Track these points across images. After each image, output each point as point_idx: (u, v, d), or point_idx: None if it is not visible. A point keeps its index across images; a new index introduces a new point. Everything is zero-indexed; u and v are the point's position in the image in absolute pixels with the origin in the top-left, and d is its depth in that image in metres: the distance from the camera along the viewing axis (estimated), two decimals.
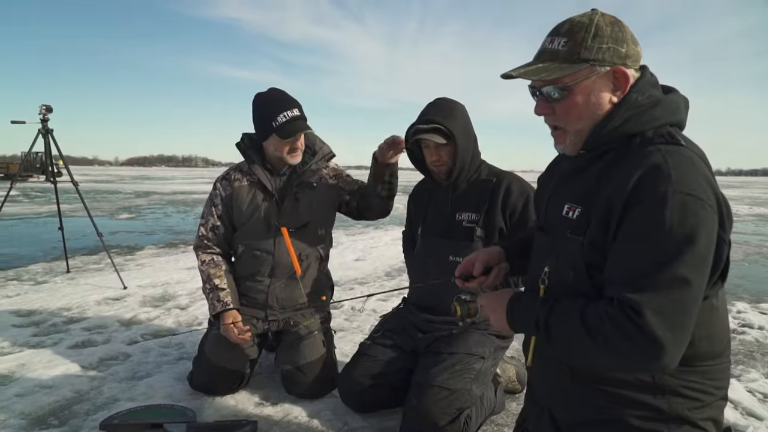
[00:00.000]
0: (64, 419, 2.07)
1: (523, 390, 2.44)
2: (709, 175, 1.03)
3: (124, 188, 23.23)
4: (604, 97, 1.11)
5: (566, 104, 1.13)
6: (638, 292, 0.96)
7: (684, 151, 1.04)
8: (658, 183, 0.97)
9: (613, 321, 0.97)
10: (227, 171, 2.47)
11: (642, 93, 1.10)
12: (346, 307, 3.92)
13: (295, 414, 2.16)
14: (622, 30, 1.10)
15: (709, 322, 1.08)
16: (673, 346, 0.95)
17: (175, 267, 5.30)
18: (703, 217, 0.96)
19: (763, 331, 3.51)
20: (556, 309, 1.09)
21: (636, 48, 1.12)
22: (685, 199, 0.95)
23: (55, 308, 3.66)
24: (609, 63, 1.09)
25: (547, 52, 1.13)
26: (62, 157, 4.63)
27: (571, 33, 1.10)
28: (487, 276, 1.46)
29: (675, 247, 0.95)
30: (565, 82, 1.10)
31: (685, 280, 0.95)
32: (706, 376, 1.09)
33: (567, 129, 1.16)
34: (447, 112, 2.05)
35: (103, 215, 10.90)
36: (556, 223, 1.19)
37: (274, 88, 2.31)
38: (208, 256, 2.38)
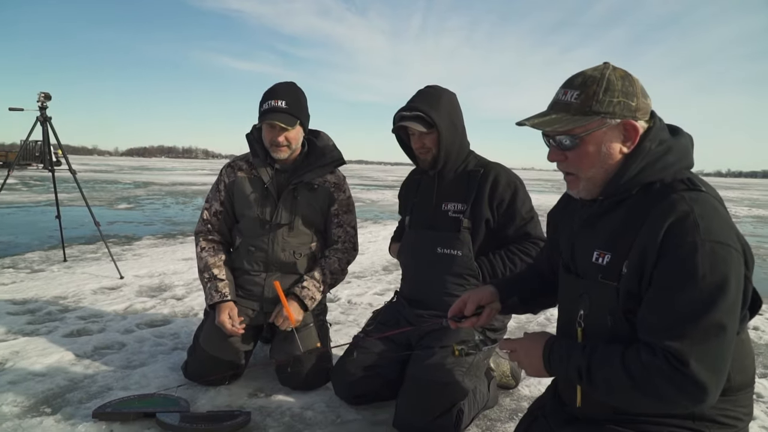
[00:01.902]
0: (57, 407, 2.06)
1: (518, 385, 2.45)
2: (729, 220, 1.09)
3: (123, 178, 23.21)
4: (615, 147, 1.17)
5: (578, 153, 1.19)
6: (679, 340, 1.01)
7: (706, 198, 1.09)
8: (687, 232, 1.03)
9: (659, 371, 1.03)
10: (234, 158, 2.48)
11: (654, 141, 1.16)
12: (342, 300, 3.92)
13: (288, 405, 2.16)
14: (633, 84, 1.16)
15: (740, 356, 1.14)
16: (715, 387, 1.02)
17: (172, 257, 5.29)
18: (731, 262, 1.02)
19: (758, 331, 3.52)
20: (595, 359, 1.13)
21: (646, 101, 1.18)
22: (714, 247, 1.01)
23: (50, 296, 3.65)
24: (619, 116, 1.15)
25: (561, 104, 1.19)
26: (61, 146, 4.61)
27: (584, 86, 1.16)
28: (479, 316, 1.52)
29: (709, 294, 1.00)
30: (577, 132, 1.16)
31: (721, 326, 1.01)
32: (738, 404, 1.17)
33: (579, 176, 1.22)
34: (432, 101, 2.04)
35: (102, 205, 10.89)
36: (588, 269, 1.24)
37: (279, 82, 2.31)
38: (208, 244, 2.38)
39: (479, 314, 1.52)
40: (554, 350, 1.23)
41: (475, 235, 2.06)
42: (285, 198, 2.32)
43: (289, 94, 2.25)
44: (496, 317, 2.09)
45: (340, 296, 3.99)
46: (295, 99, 2.27)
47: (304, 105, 2.33)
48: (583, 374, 1.14)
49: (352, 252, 2.49)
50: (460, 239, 2.05)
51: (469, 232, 2.06)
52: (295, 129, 2.25)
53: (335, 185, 2.43)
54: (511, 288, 1.56)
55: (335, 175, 2.46)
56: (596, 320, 1.21)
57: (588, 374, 1.13)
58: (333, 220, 2.44)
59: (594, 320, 1.22)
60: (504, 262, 2.05)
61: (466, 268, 2.04)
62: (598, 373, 1.12)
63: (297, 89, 2.32)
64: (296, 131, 2.28)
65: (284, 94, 2.23)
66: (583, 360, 1.14)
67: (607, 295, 1.17)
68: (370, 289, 4.32)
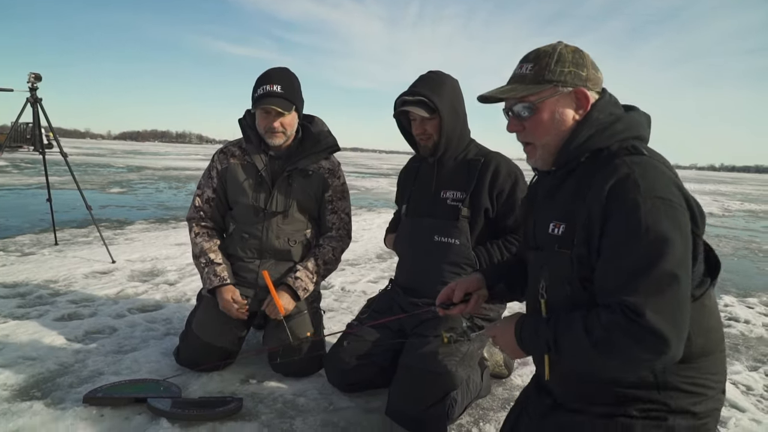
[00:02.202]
0: (47, 391, 2.05)
1: (510, 375, 2.45)
2: (675, 179, 1.12)
3: (116, 162, 23.00)
4: (568, 114, 1.24)
5: (534, 121, 1.26)
6: (634, 294, 1.03)
7: (647, 160, 1.14)
8: (628, 192, 1.07)
9: (617, 326, 1.04)
10: (226, 144, 2.43)
11: (602, 111, 1.22)
12: (336, 287, 3.92)
13: (280, 392, 2.15)
14: (582, 57, 1.24)
15: (702, 321, 1.16)
16: (675, 338, 1.02)
17: (164, 242, 5.26)
18: (674, 216, 1.05)
19: (748, 324, 3.54)
20: (559, 327, 1.16)
21: (596, 73, 1.25)
22: (655, 203, 1.05)
23: (41, 280, 3.62)
24: (571, 84, 1.22)
25: (517, 76, 1.28)
26: (52, 128, 4.54)
27: (537, 59, 1.25)
28: (467, 303, 1.54)
29: (655, 247, 1.03)
30: (532, 100, 1.24)
31: (673, 275, 1.03)
32: (704, 371, 1.17)
33: (536, 144, 1.28)
34: (435, 86, 2.02)
35: (94, 189, 10.78)
36: (546, 240, 1.28)
37: (273, 68, 2.27)
38: (202, 229, 2.36)
39: (467, 301, 1.54)
40: (524, 328, 1.26)
41: (474, 224, 2.05)
42: (280, 185, 2.29)
43: (283, 78, 2.22)
44: (490, 308, 2.09)
45: (333, 283, 3.98)
46: (290, 84, 2.23)
47: (299, 90, 2.29)
48: (551, 345, 1.16)
49: (346, 239, 2.47)
50: (458, 228, 2.04)
51: (467, 221, 2.04)
52: (290, 114, 2.22)
53: (330, 171, 2.40)
54: (497, 275, 1.58)
55: (330, 161, 2.43)
56: (556, 291, 1.25)
57: (555, 345, 1.15)
58: (327, 206, 2.41)
59: (554, 291, 1.25)
60: (502, 252, 2.04)
61: (463, 257, 2.03)
62: (564, 342, 1.14)
63: (291, 74, 2.28)
64: (292, 117, 2.25)
65: (279, 79, 2.19)
66: (549, 332, 1.17)
67: (564, 265, 1.20)
68: (364, 276, 4.31)
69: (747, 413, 2.21)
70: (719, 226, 9.65)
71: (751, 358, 2.93)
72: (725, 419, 2.12)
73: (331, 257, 2.38)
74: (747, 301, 4.16)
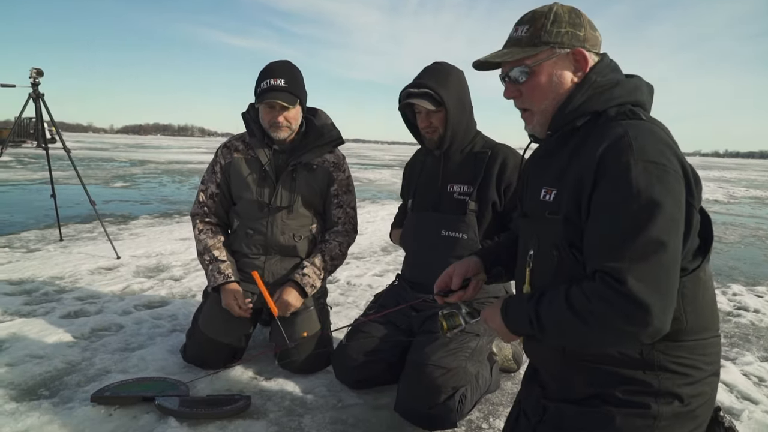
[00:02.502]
0: (54, 390, 2.04)
1: (519, 369, 2.43)
2: (671, 144, 1.07)
3: (119, 156, 23.00)
4: (566, 76, 1.19)
5: (531, 85, 1.21)
6: (617, 261, 0.98)
7: (644, 124, 1.09)
8: (620, 154, 1.02)
9: (597, 295, 1.00)
10: (230, 139, 2.41)
11: (601, 74, 1.17)
12: (341, 281, 3.90)
13: (289, 389, 2.14)
14: (579, 17, 1.19)
15: (694, 296, 1.10)
16: (660, 309, 0.96)
17: (169, 237, 5.25)
18: (667, 181, 1.00)
19: (758, 314, 3.51)
20: (542, 301, 1.12)
21: (594, 33, 1.20)
22: (647, 166, 1.00)
23: (47, 277, 3.61)
24: (568, 45, 1.17)
25: (513, 39, 1.23)
26: (54, 123, 4.52)
27: (532, 21, 1.19)
28: (466, 289, 1.48)
29: (645, 212, 0.98)
30: (528, 63, 1.19)
31: (660, 242, 0.97)
32: (695, 351, 1.11)
33: (534, 110, 1.23)
34: (441, 78, 1.98)
35: (98, 183, 10.79)
36: (536, 207, 1.23)
37: (275, 61, 2.24)
38: (206, 226, 2.34)
39: (466, 287, 1.48)
40: (509, 308, 1.22)
41: (482, 218, 2.02)
42: (284, 179, 2.27)
43: (286, 72, 2.19)
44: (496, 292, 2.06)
45: (339, 278, 3.97)
46: (294, 77, 2.20)
47: (302, 83, 2.26)
48: (534, 322, 1.12)
49: (352, 234, 2.45)
50: (465, 222, 2.01)
51: (475, 215, 2.01)
52: (295, 108, 2.19)
53: (334, 165, 2.37)
54: (495, 257, 1.52)
55: (334, 155, 2.40)
56: (543, 257, 1.21)
57: (537, 320, 1.11)
58: (333, 200, 2.39)
59: (541, 258, 1.21)
60: None
61: (471, 251, 2.00)
62: (546, 316, 1.10)
63: (294, 67, 2.25)
64: (296, 110, 2.22)
65: (282, 73, 2.16)
66: (532, 308, 1.13)
67: (554, 230, 1.16)
68: (369, 270, 4.29)
69: (760, 405, 2.18)
70: (725, 214, 9.58)
71: (762, 348, 2.90)
72: (738, 411, 2.10)
73: (338, 252, 2.36)
74: (756, 290, 4.13)
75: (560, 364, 1.22)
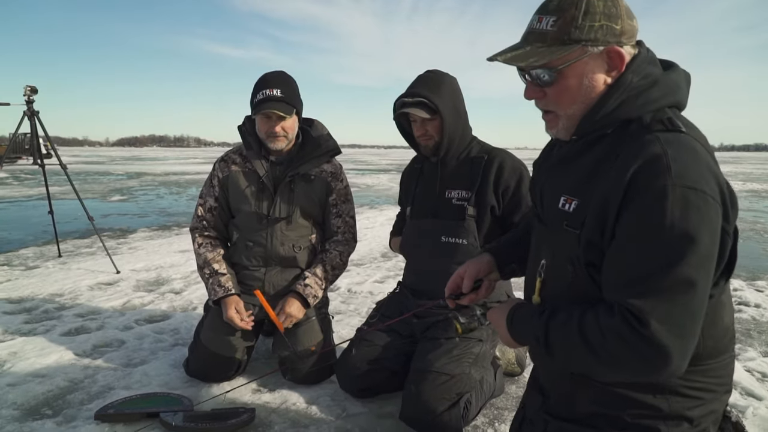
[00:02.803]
0: (58, 409, 2.03)
1: (523, 372, 2.43)
2: (711, 164, 0.96)
3: (115, 169, 22.98)
4: (599, 78, 1.03)
5: (558, 88, 1.05)
6: (641, 298, 0.90)
7: (685, 139, 0.96)
8: (657, 176, 0.90)
9: (616, 334, 0.92)
10: (227, 152, 2.41)
11: (638, 73, 1.02)
12: (342, 289, 3.90)
13: (293, 400, 2.13)
14: (616, 4, 1.01)
15: (714, 322, 1.03)
16: (680, 354, 0.90)
17: (168, 250, 5.24)
18: (705, 211, 0.89)
19: (759, 309, 3.52)
20: (552, 321, 1.04)
21: (632, 23, 1.03)
22: (686, 193, 0.89)
23: (47, 294, 3.60)
24: (603, 42, 1.01)
25: (535, 33, 1.04)
26: (49, 139, 4.52)
27: (561, 11, 1.01)
28: (478, 291, 1.42)
29: (678, 246, 0.88)
30: (556, 65, 1.02)
31: (690, 282, 0.89)
32: (709, 374, 1.05)
33: (559, 113, 1.09)
34: (434, 86, 1.99)
35: (95, 197, 10.77)
36: (553, 215, 1.13)
37: (270, 71, 2.24)
38: (205, 239, 2.34)
39: (477, 288, 1.41)
40: (515, 317, 1.16)
41: (481, 223, 2.03)
42: (282, 191, 2.27)
43: (281, 82, 2.19)
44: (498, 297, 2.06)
45: (339, 285, 3.96)
46: (289, 87, 2.21)
47: (298, 93, 2.27)
48: (541, 340, 1.05)
49: (352, 243, 2.45)
50: (465, 227, 2.01)
51: (474, 220, 2.02)
52: (291, 118, 2.20)
53: (332, 174, 2.38)
54: (509, 253, 1.44)
55: (332, 165, 2.40)
56: (557, 270, 1.12)
57: (545, 340, 1.04)
58: (331, 210, 2.39)
59: (554, 270, 1.13)
60: None
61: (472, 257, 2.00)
62: (555, 339, 1.03)
63: (289, 77, 2.26)
64: (293, 120, 2.22)
65: (277, 83, 2.17)
66: (540, 326, 1.05)
67: (570, 244, 1.05)
68: (370, 276, 4.29)
69: (764, 401, 2.18)
70: None
71: (764, 344, 2.90)
72: (742, 408, 2.10)
73: (339, 262, 2.36)
74: (756, 285, 4.14)
75: (567, 378, 1.15)
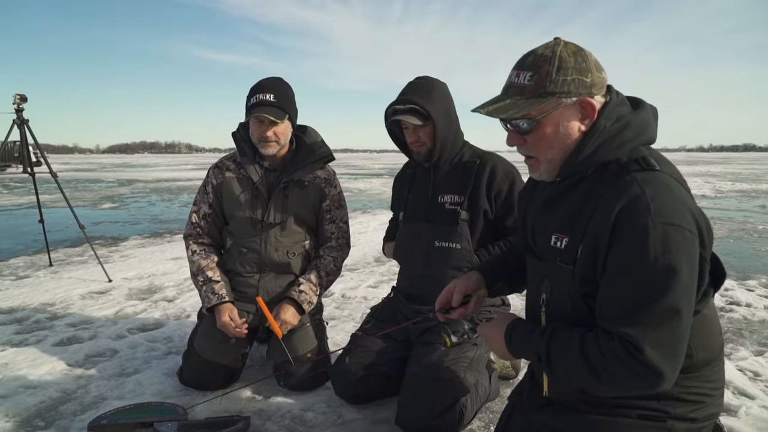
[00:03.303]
0: (50, 420, 2.01)
1: (518, 375, 2.44)
2: (686, 197, 1.07)
3: (106, 176, 22.84)
4: (573, 126, 1.14)
5: (536, 136, 1.16)
6: (634, 326, 1.01)
7: (659, 177, 1.07)
8: (638, 215, 1.01)
9: (615, 357, 1.03)
10: (221, 159, 2.41)
11: (609, 118, 1.13)
12: (336, 294, 3.89)
13: (288, 407, 2.12)
14: (585, 60, 1.13)
15: (703, 333, 1.14)
16: (670, 372, 1.02)
17: (161, 257, 5.21)
18: (684, 244, 1.00)
19: (750, 308, 3.55)
20: (554, 343, 1.13)
21: (600, 75, 1.15)
22: (666, 229, 0.99)
23: (38, 304, 3.57)
24: (575, 94, 1.12)
25: (515, 87, 1.15)
26: (39, 147, 4.49)
27: (536, 66, 1.12)
28: (467, 306, 1.49)
29: (662, 279, 0.99)
30: (533, 115, 1.13)
31: (676, 310, 1.00)
32: (703, 380, 1.16)
33: (540, 158, 1.20)
34: (425, 93, 2.00)
35: (86, 205, 10.69)
36: (547, 252, 1.23)
37: (265, 78, 2.25)
38: (199, 247, 2.33)
39: (467, 303, 1.49)
40: (514, 333, 1.24)
41: (474, 227, 2.04)
42: (276, 197, 2.27)
43: (276, 87, 2.20)
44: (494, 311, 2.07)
45: (333, 291, 3.95)
46: (283, 93, 2.21)
47: (293, 100, 2.27)
48: (542, 358, 1.14)
49: (345, 248, 2.45)
50: (458, 232, 2.02)
51: (467, 225, 2.03)
52: (284, 123, 2.20)
53: (326, 180, 2.38)
54: (497, 272, 1.54)
55: (325, 171, 2.41)
56: (557, 304, 1.22)
57: (547, 358, 1.14)
58: (325, 216, 2.39)
59: (555, 304, 1.22)
60: None
61: (466, 261, 2.02)
62: (557, 358, 1.12)
63: (285, 83, 2.26)
64: (285, 126, 2.22)
65: (271, 88, 2.18)
66: (542, 344, 1.15)
67: (566, 279, 1.16)
68: (364, 281, 4.29)
69: (757, 400, 2.20)
70: (713, 208, 9.70)
71: (756, 343, 2.93)
72: (735, 408, 2.12)
73: (333, 268, 2.36)
74: (747, 284, 4.17)
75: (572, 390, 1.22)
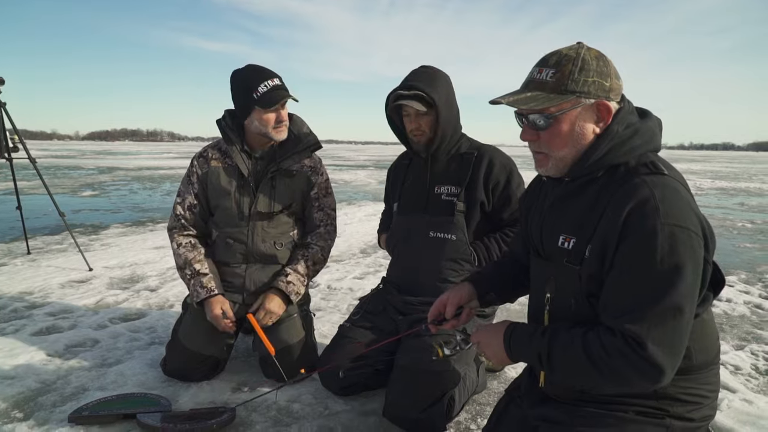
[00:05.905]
0: (29, 412, 1.96)
1: (504, 368, 2.44)
2: (692, 202, 1.11)
3: (86, 164, 22.40)
4: (588, 127, 1.18)
5: (551, 132, 1.19)
6: (638, 323, 1.04)
7: (668, 181, 1.11)
8: (647, 217, 1.05)
9: (617, 352, 1.06)
10: (205, 148, 2.36)
11: (621, 123, 1.17)
12: (322, 285, 3.87)
13: (274, 399, 2.10)
14: (607, 65, 1.17)
15: (702, 336, 1.19)
16: (670, 368, 1.05)
17: (143, 246, 5.13)
18: (690, 246, 1.04)
19: (730, 303, 3.61)
20: (555, 343, 1.16)
21: (618, 82, 1.19)
22: (673, 230, 1.03)
23: (15, 293, 3.48)
24: (594, 96, 1.15)
25: (535, 82, 1.19)
26: (17, 131, 4.37)
27: (559, 65, 1.16)
28: (459, 317, 1.53)
29: (668, 278, 1.03)
30: (552, 111, 1.16)
31: (679, 308, 1.03)
32: (701, 381, 1.20)
33: (550, 155, 1.22)
34: (430, 80, 1.98)
35: (65, 192, 10.48)
36: (553, 253, 1.26)
37: (252, 64, 2.20)
38: (185, 239, 2.28)
39: (459, 314, 1.53)
40: (514, 337, 1.26)
41: (470, 218, 2.03)
42: (263, 187, 2.23)
43: (273, 71, 2.17)
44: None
45: (319, 282, 3.93)
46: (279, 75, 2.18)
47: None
48: (543, 358, 1.17)
49: (333, 234, 2.43)
50: (453, 223, 2.02)
51: (463, 216, 2.02)
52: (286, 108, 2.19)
53: (312, 169, 2.35)
54: (489, 283, 1.57)
55: (311, 159, 2.38)
56: (561, 303, 1.24)
57: (548, 358, 1.16)
58: (313, 204, 2.36)
59: (559, 303, 1.25)
60: (500, 246, 2.03)
61: (461, 252, 2.01)
62: (559, 356, 1.14)
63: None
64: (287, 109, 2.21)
65: (272, 72, 2.15)
66: (543, 344, 1.17)
67: (572, 279, 1.19)
68: (350, 273, 4.27)
69: (738, 394, 2.24)
70: None
71: (736, 337, 2.99)
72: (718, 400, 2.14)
73: (320, 257, 2.33)
74: (727, 280, 4.21)
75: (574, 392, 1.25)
